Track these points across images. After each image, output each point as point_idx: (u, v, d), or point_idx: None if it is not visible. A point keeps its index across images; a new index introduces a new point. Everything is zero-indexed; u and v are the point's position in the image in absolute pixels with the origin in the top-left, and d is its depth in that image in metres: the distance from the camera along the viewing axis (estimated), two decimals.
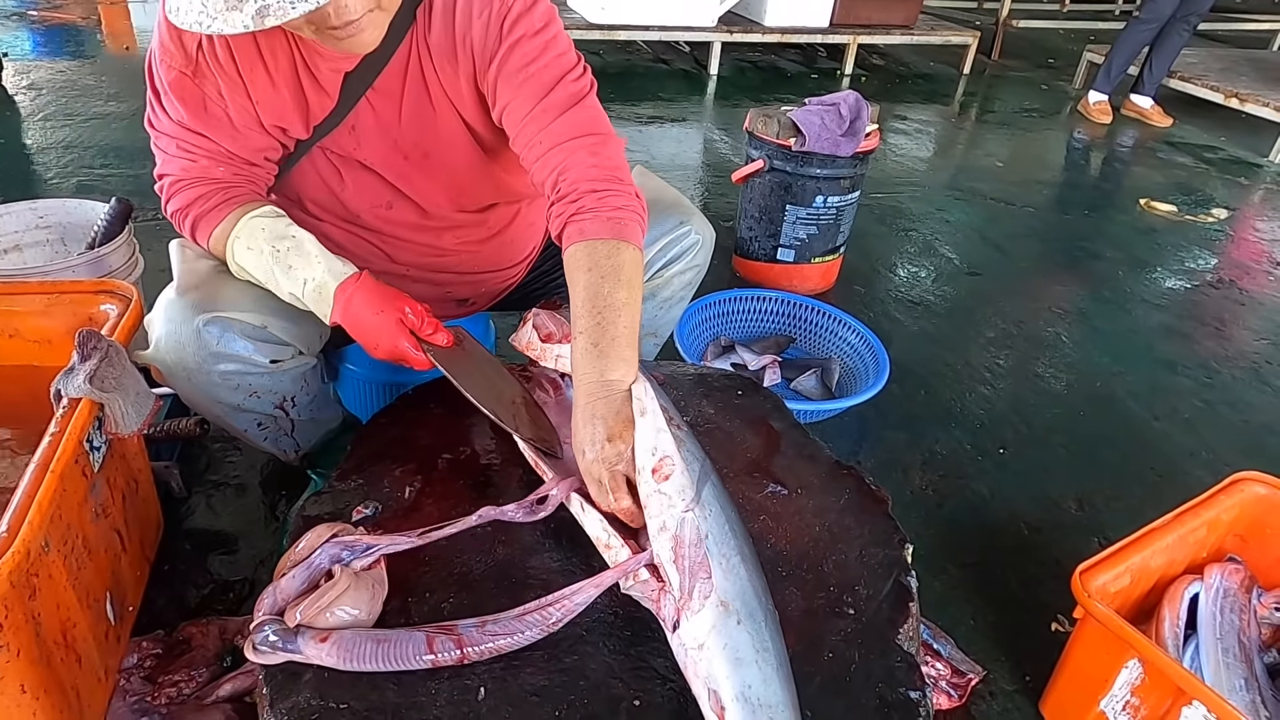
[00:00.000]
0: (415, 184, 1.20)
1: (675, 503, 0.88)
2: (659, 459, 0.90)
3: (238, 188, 1.12)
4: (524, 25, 1.04)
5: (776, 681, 0.79)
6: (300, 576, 0.87)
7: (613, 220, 1.02)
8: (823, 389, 1.93)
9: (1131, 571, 1.21)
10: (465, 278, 1.38)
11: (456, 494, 1.06)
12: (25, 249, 1.78)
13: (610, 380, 0.94)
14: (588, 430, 0.93)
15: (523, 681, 0.83)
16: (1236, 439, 1.97)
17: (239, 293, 1.10)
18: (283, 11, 0.81)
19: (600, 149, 1.06)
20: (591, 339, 0.96)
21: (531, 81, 1.04)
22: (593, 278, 0.98)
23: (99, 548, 1.10)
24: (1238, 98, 4.27)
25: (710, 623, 0.81)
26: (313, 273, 1.06)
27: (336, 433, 1.40)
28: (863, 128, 2.17)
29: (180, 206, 1.11)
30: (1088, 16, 6.98)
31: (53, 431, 0.96)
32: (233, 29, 0.82)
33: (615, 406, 0.93)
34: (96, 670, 1.07)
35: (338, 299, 1.06)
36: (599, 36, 4.40)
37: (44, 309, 1.23)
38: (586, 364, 0.95)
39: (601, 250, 1.00)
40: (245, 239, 1.08)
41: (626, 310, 0.98)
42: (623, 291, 0.98)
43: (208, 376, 1.10)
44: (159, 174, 1.14)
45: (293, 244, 1.07)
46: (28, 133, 3.12)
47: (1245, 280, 2.81)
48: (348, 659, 0.81)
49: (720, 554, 0.86)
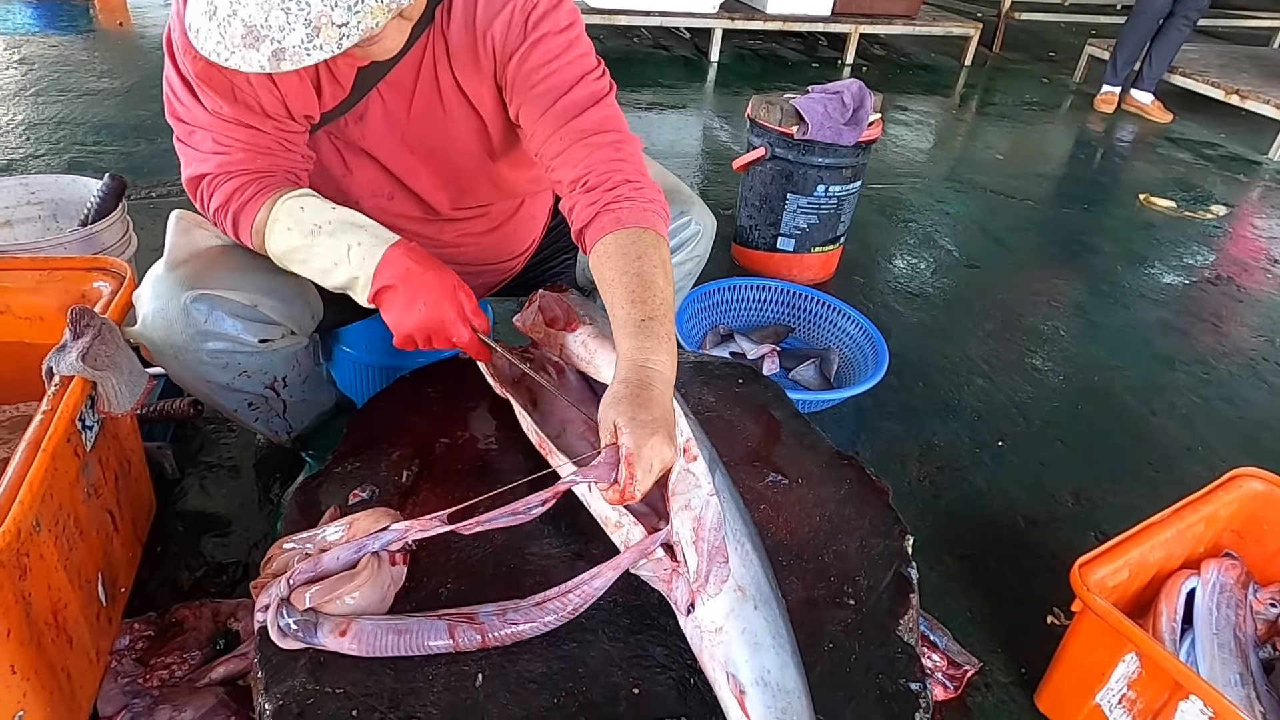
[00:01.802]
0: (418, 178, 1.18)
1: (702, 484, 0.87)
2: (686, 439, 0.90)
3: (274, 177, 1.07)
4: (549, 23, 1.03)
5: (792, 667, 0.80)
6: (345, 556, 0.85)
7: (649, 213, 1.00)
8: (821, 379, 1.93)
9: (1130, 566, 1.21)
10: (464, 269, 1.36)
11: (454, 478, 1.05)
12: (16, 225, 1.76)
13: (654, 366, 0.89)
14: (642, 414, 0.85)
15: (521, 668, 0.82)
16: (1233, 435, 1.97)
17: (229, 271, 1.08)
18: (298, 58, 0.81)
19: (624, 147, 1.05)
20: (641, 315, 0.92)
21: (552, 79, 1.03)
22: (642, 265, 0.95)
23: (91, 528, 1.08)
24: (1238, 94, 4.27)
25: (728, 606, 0.81)
26: (359, 238, 1.02)
27: (330, 415, 1.39)
28: (865, 117, 2.15)
29: (220, 203, 1.06)
30: (1089, 10, 6.95)
31: (44, 410, 0.95)
32: (249, 67, 0.82)
33: (666, 396, 0.88)
34: (88, 651, 1.05)
35: (389, 257, 1.01)
36: (600, 21, 4.36)
37: (35, 285, 1.21)
38: (635, 342, 0.91)
39: (646, 239, 0.98)
40: (285, 219, 1.03)
41: (669, 303, 0.95)
42: (669, 287, 0.96)
43: (196, 355, 1.09)
44: (193, 175, 1.07)
45: (334, 217, 1.03)
46: (19, 108, 3.08)
47: (1243, 277, 2.81)
48: (369, 650, 0.80)
49: (736, 540, 0.86)
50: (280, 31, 0.80)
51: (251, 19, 0.80)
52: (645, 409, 0.85)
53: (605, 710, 0.80)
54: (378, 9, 0.81)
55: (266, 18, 0.79)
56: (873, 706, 0.82)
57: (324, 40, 0.81)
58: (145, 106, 3.21)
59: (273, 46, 0.80)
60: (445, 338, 1.03)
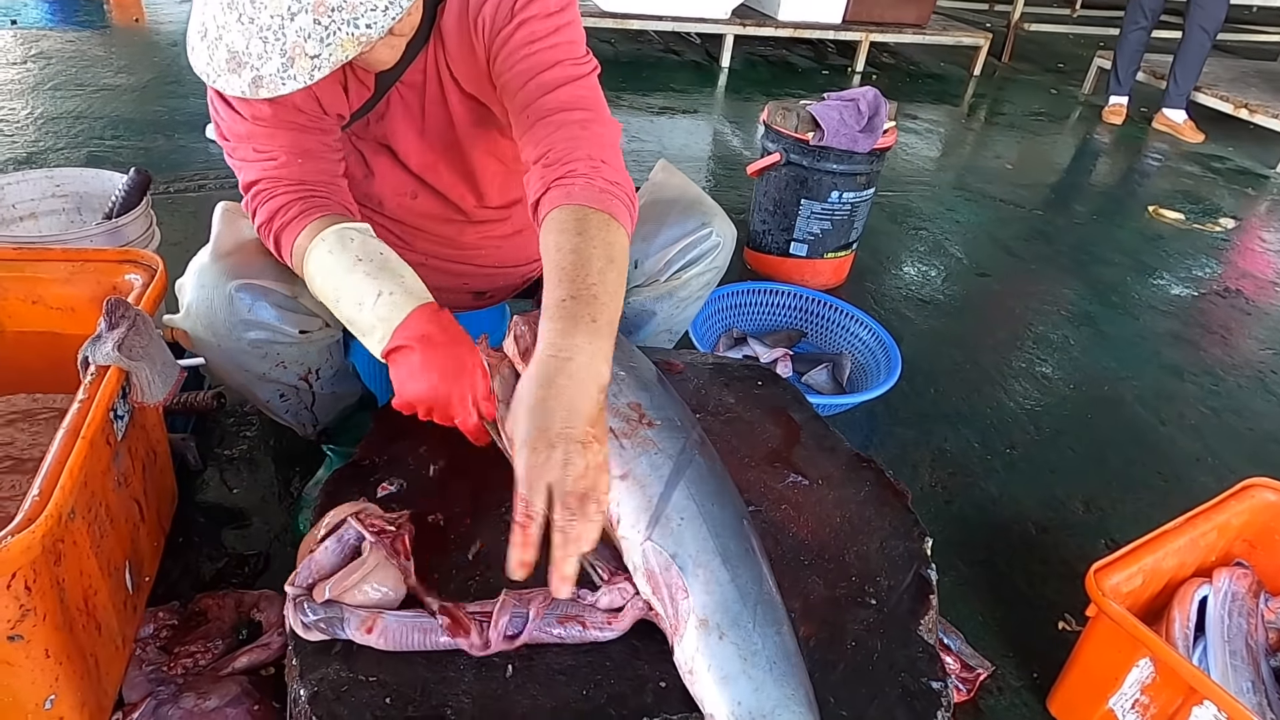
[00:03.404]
0: (441, 176, 1.19)
1: (636, 534, 0.83)
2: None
3: (321, 194, 1.06)
4: (537, 6, 1.01)
5: (770, 683, 0.78)
6: (332, 548, 0.87)
7: (605, 194, 0.92)
8: (833, 384, 1.94)
9: (1144, 572, 1.22)
10: (484, 270, 1.37)
11: (480, 473, 1.06)
12: (40, 217, 1.77)
13: (565, 354, 0.78)
14: (538, 421, 0.75)
15: (549, 661, 0.84)
16: (1242, 446, 1.98)
17: (273, 262, 1.10)
18: (274, 86, 0.84)
19: (592, 126, 0.98)
20: (563, 294, 0.81)
21: (531, 59, 1.01)
22: (582, 241, 0.86)
23: (120, 516, 1.10)
24: (1247, 108, 4.28)
25: (694, 645, 0.80)
26: (393, 286, 0.96)
27: (353, 409, 1.41)
28: (881, 124, 2.17)
29: (265, 219, 1.05)
30: (1098, 22, 6.97)
31: (81, 398, 0.96)
32: (232, 91, 0.86)
33: (577, 390, 0.76)
34: (115, 639, 1.07)
35: (415, 316, 0.95)
36: (611, 25, 4.38)
37: (67, 277, 1.22)
38: (550, 325, 0.80)
39: (594, 219, 0.89)
40: (331, 243, 1.00)
41: (605, 285, 0.84)
42: (613, 272, 0.86)
43: (237, 343, 1.11)
44: (244, 184, 1.08)
45: (380, 259, 0.99)
46: (38, 101, 3.10)
47: (1252, 290, 2.83)
48: (395, 646, 0.82)
49: (695, 566, 0.82)
50: (259, 59, 0.83)
51: (234, 45, 0.83)
52: (543, 414, 0.75)
53: (632, 702, 0.81)
54: (348, 43, 0.83)
55: (247, 45, 0.83)
56: (896, 704, 0.83)
57: (297, 71, 0.83)
58: (161, 102, 3.24)
59: (252, 74, 0.83)
60: (447, 416, 0.96)
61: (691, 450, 0.92)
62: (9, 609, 0.83)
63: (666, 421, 0.94)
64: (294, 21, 0.81)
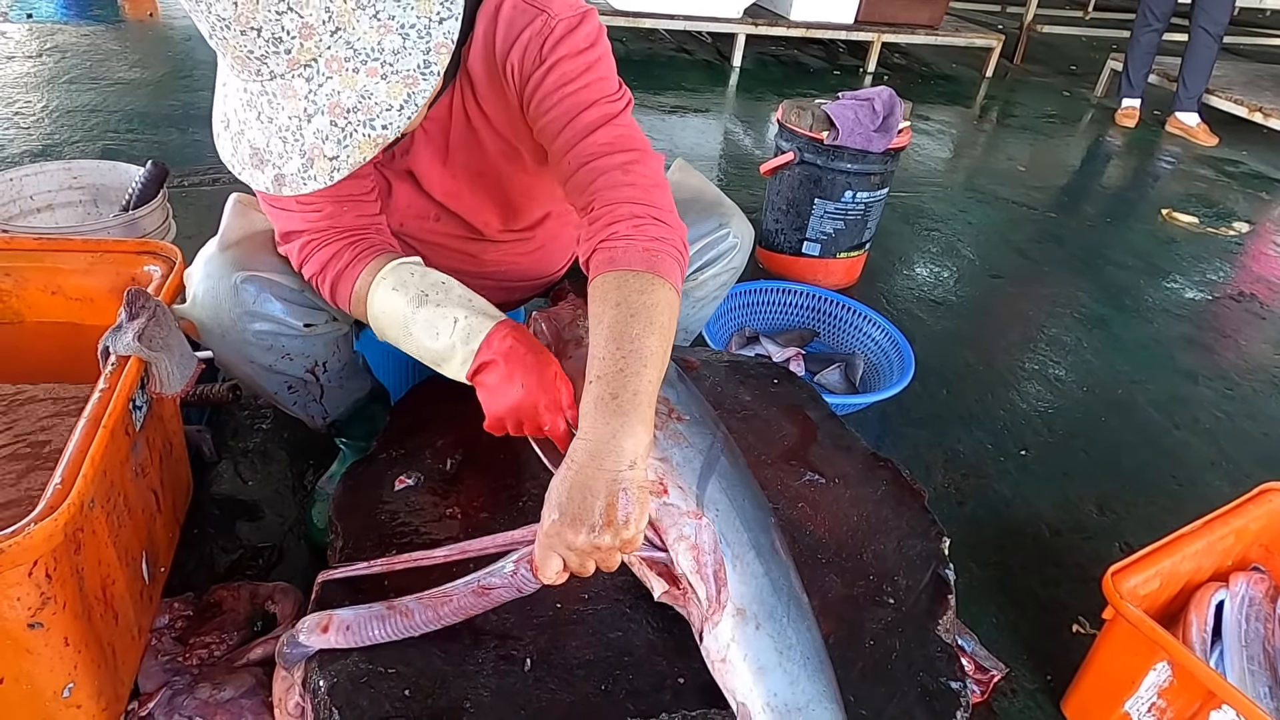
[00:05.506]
0: (464, 201, 1.18)
1: (685, 512, 0.84)
2: (658, 477, 0.87)
3: (367, 239, 1.06)
4: (566, 46, 1.00)
5: (804, 678, 0.78)
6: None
7: (648, 252, 0.91)
8: (846, 384, 1.94)
9: (1161, 575, 1.21)
10: (502, 284, 1.37)
11: (498, 467, 1.06)
12: (57, 209, 1.78)
13: (623, 446, 0.80)
14: (583, 503, 0.78)
15: (568, 655, 0.84)
16: (1257, 451, 1.97)
17: (280, 254, 1.10)
18: (295, 185, 0.83)
19: (634, 167, 0.98)
20: (610, 388, 0.83)
21: (566, 102, 1.00)
22: (620, 314, 0.87)
23: (137, 506, 1.10)
24: (1261, 112, 4.26)
25: (729, 634, 0.79)
26: (465, 312, 0.97)
27: (365, 403, 1.41)
28: (895, 124, 2.17)
29: (317, 270, 1.05)
30: (1110, 24, 6.95)
31: (102, 388, 0.96)
32: (257, 186, 0.86)
33: (622, 482, 0.79)
34: (131, 628, 1.07)
35: (496, 332, 0.95)
36: (623, 24, 4.38)
37: (87, 267, 1.22)
38: (599, 418, 0.82)
39: (633, 284, 0.89)
40: (392, 280, 1.00)
41: (654, 361, 0.85)
42: (654, 338, 0.86)
43: (242, 335, 1.10)
44: (285, 232, 1.07)
45: (443, 289, 0.99)
46: (54, 95, 3.11)
47: (1266, 294, 2.81)
48: (359, 640, 0.82)
49: (733, 555, 0.83)
50: (279, 159, 0.83)
51: (255, 142, 0.83)
52: (583, 496, 0.79)
53: (651, 698, 0.81)
54: (365, 144, 0.82)
55: (268, 143, 0.82)
56: (915, 703, 0.83)
57: (317, 171, 0.82)
58: (176, 97, 3.25)
59: (274, 171, 0.83)
60: (537, 424, 0.95)
61: (719, 446, 0.92)
62: (30, 596, 0.84)
63: (694, 418, 0.94)
64: (311, 123, 0.80)
